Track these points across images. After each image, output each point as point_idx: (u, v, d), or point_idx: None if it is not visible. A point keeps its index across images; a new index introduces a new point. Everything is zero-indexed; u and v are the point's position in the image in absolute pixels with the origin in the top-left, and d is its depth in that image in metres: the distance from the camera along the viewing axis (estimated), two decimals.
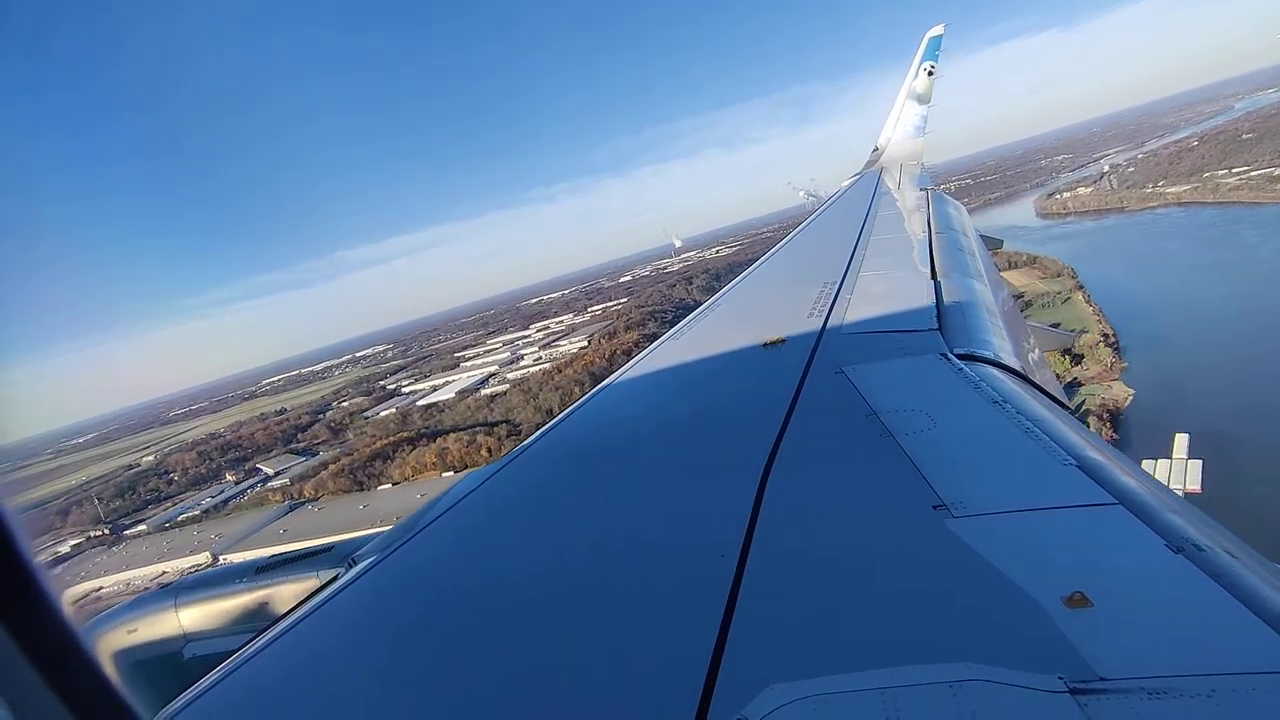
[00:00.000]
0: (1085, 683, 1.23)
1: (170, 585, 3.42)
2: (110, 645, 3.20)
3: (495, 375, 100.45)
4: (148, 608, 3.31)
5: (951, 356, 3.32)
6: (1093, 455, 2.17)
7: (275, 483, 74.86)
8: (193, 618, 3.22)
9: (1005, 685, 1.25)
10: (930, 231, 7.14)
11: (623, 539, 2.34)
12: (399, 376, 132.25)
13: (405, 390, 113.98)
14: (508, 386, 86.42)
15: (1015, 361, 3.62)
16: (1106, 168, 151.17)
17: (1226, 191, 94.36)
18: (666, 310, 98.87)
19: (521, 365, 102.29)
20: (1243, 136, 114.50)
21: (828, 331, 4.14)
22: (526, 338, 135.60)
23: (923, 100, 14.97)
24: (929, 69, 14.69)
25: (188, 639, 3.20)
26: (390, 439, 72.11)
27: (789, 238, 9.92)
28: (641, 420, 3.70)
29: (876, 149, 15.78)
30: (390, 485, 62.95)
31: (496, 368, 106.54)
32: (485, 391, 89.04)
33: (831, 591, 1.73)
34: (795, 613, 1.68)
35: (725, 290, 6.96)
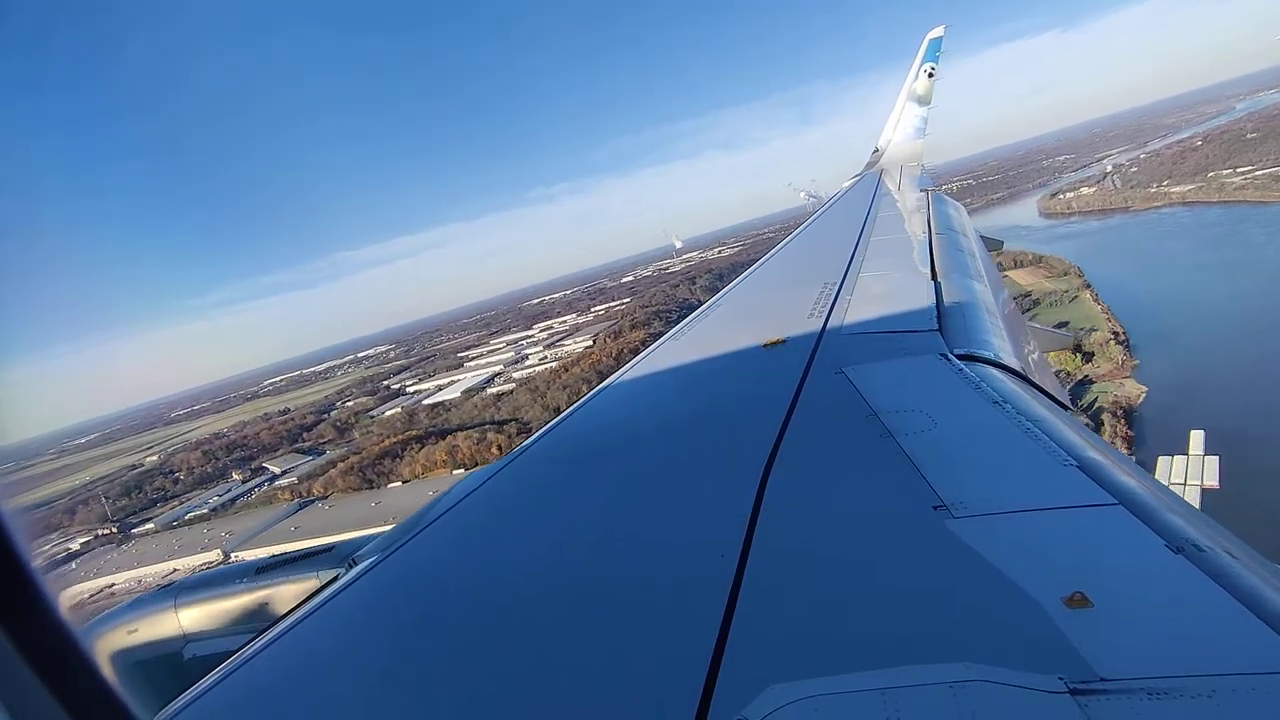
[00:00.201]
0: (1086, 683, 1.23)
1: (170, 585, 3.41)
2: (110, 646, 3.19)
3: (500, 374, 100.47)
4: (147, 608, 3.30)
5: (952, 357, 3.32)
6: (1093, 456, 2.17)
7: (283, 481, 74.94)
8: (193, 618, 3.22)
9: (1005, 686, 1.25)
10: (930, 232, 7.13)
11: (623, 539, 2.34)
12: (402, 376, 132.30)
13: (410, 390, 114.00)
14: (514, 385, 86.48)
15: (1015, 362, 3.61)
16: (1109, 168, 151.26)
17: (1232, 191, 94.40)
18: (671, 309, 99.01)
19: (527, 365, 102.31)
20: (1247, 136, 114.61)
21: (828, 332, 4.14)
22: (530, 337, 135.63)
23: (923, 102, 14.94)
24: (929, 70, 14.67)
25: (187, 639, 3.19)
26: (399, 437, 72.16)
27: (789, 238, 9.91)
28: (642, 420, 3.70)
29: (877, 150, 15.74)
30: (400, 483, 62.96)
31: (501, 367, 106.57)
32: (491, 390, 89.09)
33: (832, 592, 1.73)
34: (795, 613, 1.67)
35: (725, 291, 6.95)
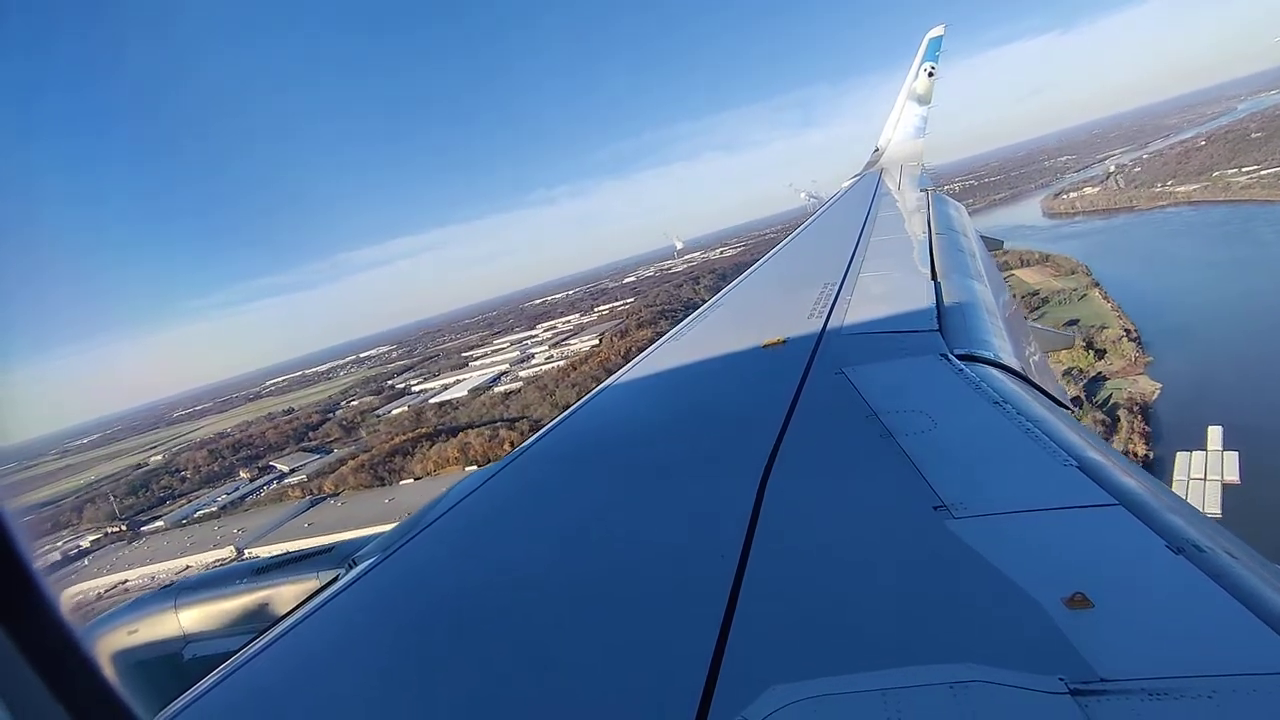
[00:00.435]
0: (1086, 684, 1.23)
1: (170, 586, 3.41)
2: (110, 646, 3.18)
3: (507, 373, 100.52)
4: (147, 608, 3.30)
5: (952, 357, 3.31)
6: (1093, 456, 2.17)
7: (292, 479, 74.99)
8: (193, 619, 3.21)
9: (1006, 686, 1.25)
10: (930, 232, 7.11)
11: (623, 539, 2.34)
12: (407, 376, 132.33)
13: (415, 389, 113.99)
14: (521, 384, 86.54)
15: (1015, 362, 3.60)
16: (1112, 168, 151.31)
17: (1238, 190, 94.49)
18: (676, 309, 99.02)
19: (533, 364, 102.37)
20: (1251, 135, 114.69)
21: (828, 332, 4.13)
22: (534, 337, 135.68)
23: (923, 101, 14.95)
24: (929, 70, 14.66)
25: (188, 640, 3.19)
26: (409, 435, 72.11)
27: (789, 239, 9.90)
28: (642, 421, 3.69)
29: (877, 150, 15.73)
30: (413, 480, 62.89)
31: (507, 366, 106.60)
32: (499, 389, 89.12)
33: (832, 592, 1.73)
34: (796, 613, 1.67)
35: (725, 291, 6.94)
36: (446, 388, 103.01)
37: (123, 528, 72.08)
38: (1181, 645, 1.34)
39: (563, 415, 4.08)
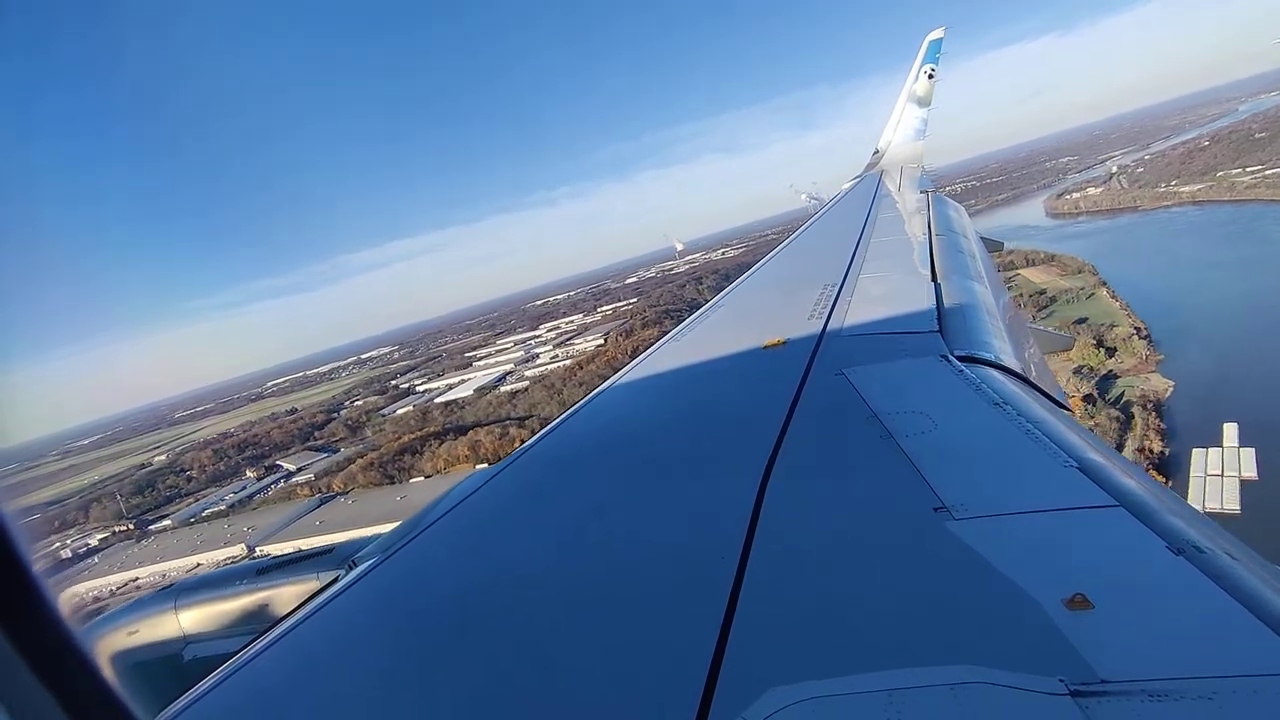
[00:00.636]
0: (1086, 685, 1.23)
1: (170, 587, 3.40)
2: (110, 647, 3.18)
3: (512, 373, 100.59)
4: (148, 609, 3.29)
5: (952, 358, 3.31)
6: (1093, 457, 2.17)
7: (299, 478, 74.99)
8: (193, 619, 3.21)
9: (1006, 688, 1.25)
10: (930, 233, 7.11)
11: (623, 541, 2.34)
12: (410, 376, 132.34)
13: (419, 389, 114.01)
14: (527, 383, 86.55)
15: (1016, 363, 3.60)
16: (1114, 168, 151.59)
17: (1243, 190, 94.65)
18: (680, 308, 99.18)
19: (538, 363, 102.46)
20: (1256, 136, 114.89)
21: (828, 333, 4.13)
22: (538, 337, 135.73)
23: (923, 103, 14.97)
24: (929, 72, 14.68)
25: (187, 641, 3.19)
26: (417, 433, 72.13)
27: (789, 240, 9.89)
28: (642, 422, 3.69)
29: (877, 151, 15.75)
30: (423, 478, 62.88)
31: (512, 366, 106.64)
32: (505, 388, 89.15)
33: (832, 593, 1.73)
34: (796, 615, 1.67)
35: (726, 292, 6.94)
36: (451, 387, 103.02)
37: (130, 526, 72.10)
38: (1182, 646, 1.33)
39: (563, 416, 4.09)
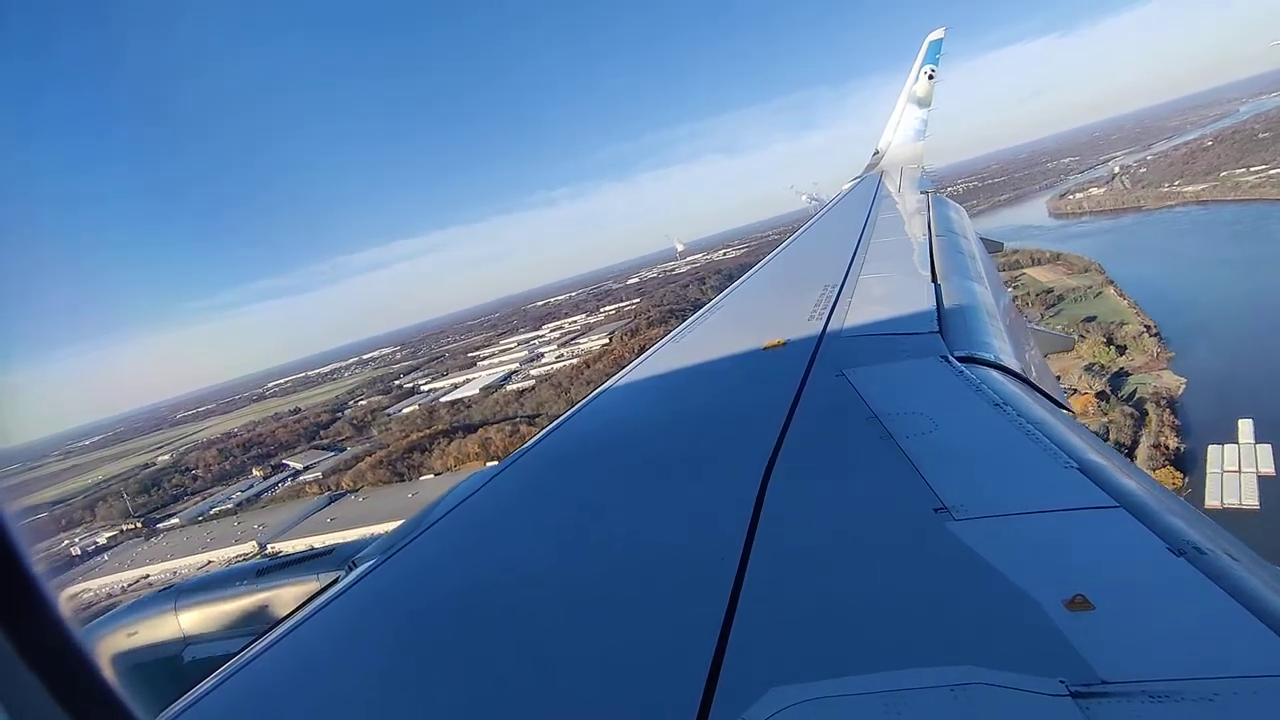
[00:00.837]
0: (1087, 686, 1.23)
1: (170, 588, 3.40)
2: (110, 648, 3.18)
3: (517, 372, 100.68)
4: (148, 610, 3.29)
5: (952, 359, 3.30)
6: (1094, 458, 2.17)
7: (307, 476, 74.93)
8: (193, 620, 3.21)
9: (1007, 689, 1.25)
10: (930, 234, 7.11)
11: (624, 541, 2.34)
12: (414, 376, 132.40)
13: (424, 388, 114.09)
14: (533, 382, 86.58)
15: (1016, 364, 3.60)
16: (1117, 169, 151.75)
17: (1248, 189, 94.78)
18: (685, 308, 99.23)
19: (543, 362, 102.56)
20: (1259, 136, 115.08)
21: (828, 334, 4.12)
22: (541, 337, 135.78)
23: (923, 104, 14.97)
24: (929, 72, 14.67)
25: (188, 642, 3.19)
26: (426, 432, 72.15)
27: (789, 241, 9.89)
28: (643, 423, 3.69)
29: (877, 152, 15.75)
30: (433, 475, 62.94)
31: (517, 365, 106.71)
32: (511, 387, 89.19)
33: (833, 594, 1.73)
34: (797, 615, 1.67)
35: (726, 293, 6.94)
36: (456, 387, 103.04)
37: (138, 525, 72.14)
38: (1182, 647, 1.33)
39: (563, 417, 4.09)
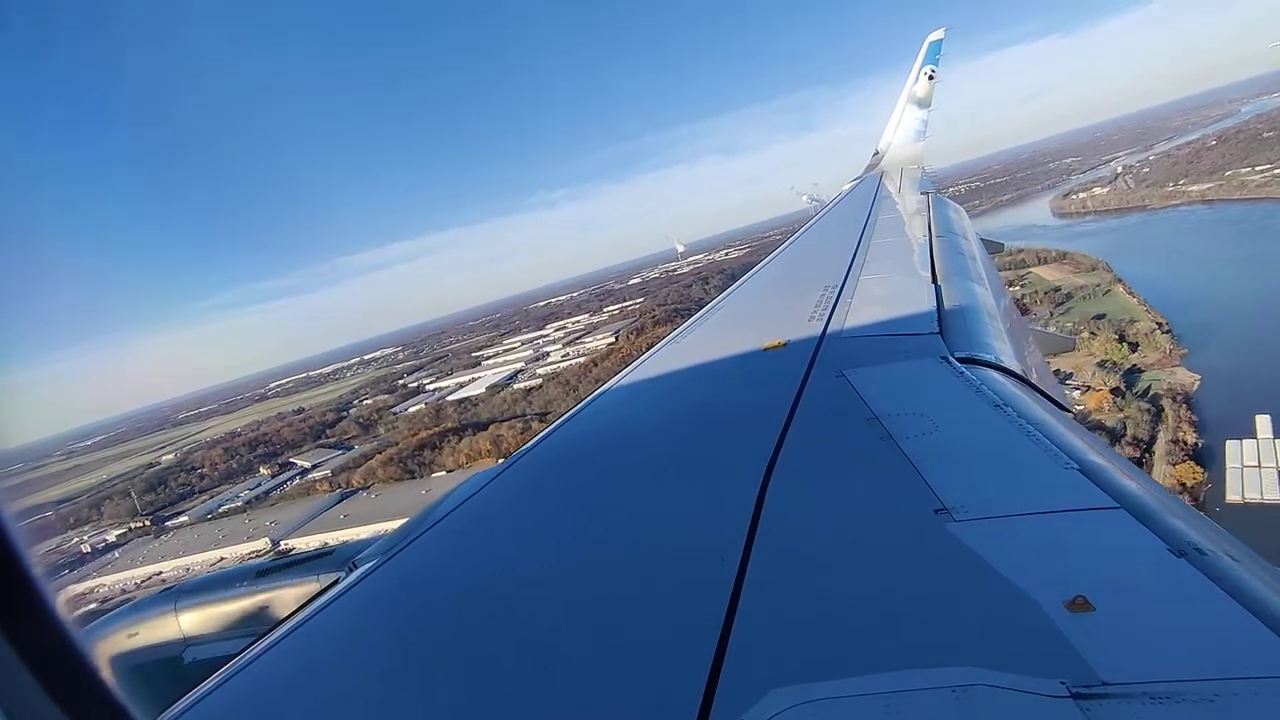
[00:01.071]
0: (1088, 687, 1.23)
1: (170, 589, 3.40)
2: (109, 649, 3.18)
3: (523, 371, 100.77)
4: (147, 611, 3.29)
5: (952, 360, 3.30)
6: (1094, 459, 2.17)
7: (316, 474, 74.91)
8: (193, 621, 3.21)
9: (1007, 690, 1.25)
10: (931, 235, 7.12)
11: (624, 543, 2.34)
12: (418, 375, 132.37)
13: (429, 387, 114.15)
14: (541, 381, 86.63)
15: (1016, 365, 3.60)
16: (1120, 169, 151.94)
17: (1254, 188, 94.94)
18: (690, 307, 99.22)
19: (549, 361, 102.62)
20: (1263, 135, 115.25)
21: (828, 335, 4.12)
22: (545, 337, 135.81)
23: (923, 104, 14.96)
24: (929, 73, 14.67)
25: (188, 643, 3.19)
26: (435, 429, 72.23)
27: (789, 241, 9.91)
28: (643, 423, 3.69)
29: (877, 153, 15.76)
30: (445, 472, 63.01)
31: (523, 364, 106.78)
32: (518, 385, 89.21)
33: (833, 595, 1.73)
34: (797, 617, 1.67)
35: (726, 294, 6.95)
36: (462, 385, 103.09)
37: (146, 523, 72.13)
38: (1183, 648, 1.33)
39: (564, 417, 4.08)
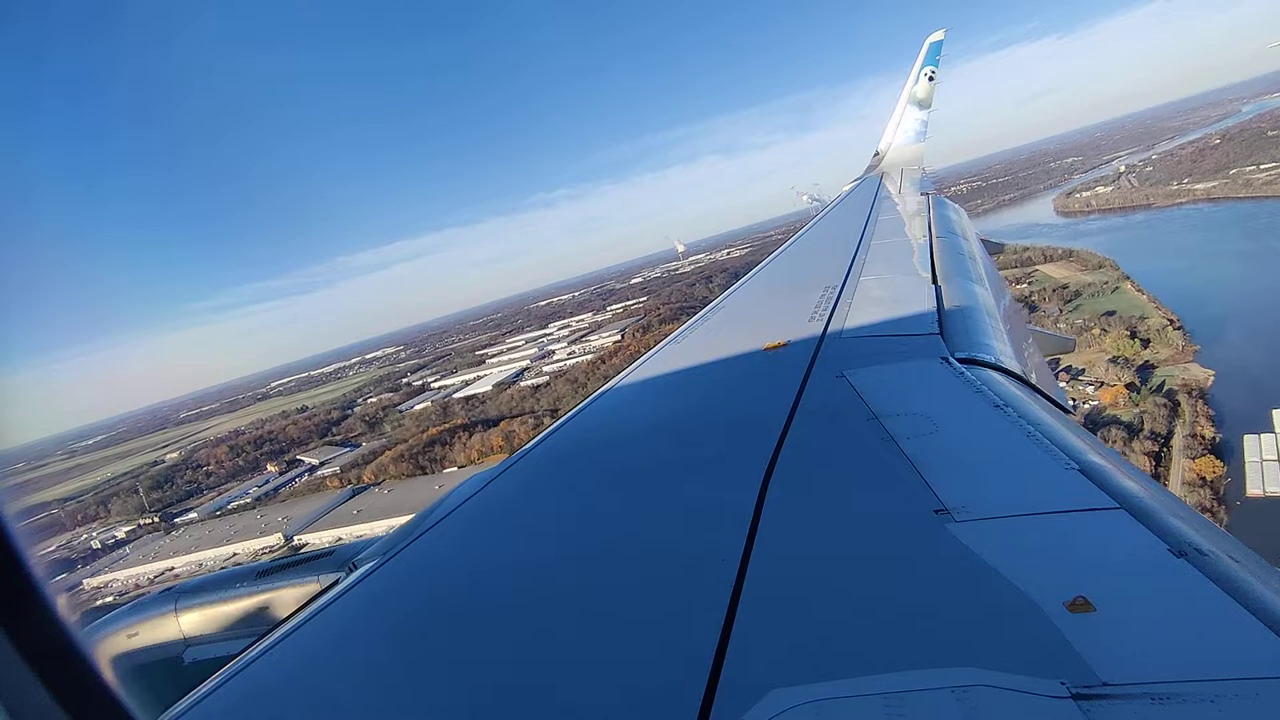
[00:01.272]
0: (1088, 688, 1.23)
1: (170, 589, 3.41)
2: (110, 649, 3.18)
3: (529, 369, 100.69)
4: (148, 612, 3.29)
5: (953, 360, 3.30)
6: (1095, 460, 2.17)
7: (325, 471, 74.86)
8: (193, 622, 3.22)
9: (1008, 690, 1.25)
10: (931, 235, 7.12)
11: (624, 543, 2.34)
12: (422, 374, 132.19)
13: (433, 386, 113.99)
14: (547, 378, 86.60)
15: (1017, 365, 3.61)
16: (1122, 168, 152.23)
17: (1260, 186, 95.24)
18: (695, 305, 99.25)
19: (555, 359, 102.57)
20: (1268, 134, 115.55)
21: (829, 335, 4.12)
22: (550, 335, 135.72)
23: (923, 105, 15.00)
24: (929, 74, 14.68)
25: (188, 643, 3.19)
26: (445, 426, 72.30)
27: (790, 242, 9.92)
28: (643, 424, 3.68)
29: (877, 154, 15.78)
30: (456, 468, 63.04)
31: (528, 362, 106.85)
32: (525, 383, 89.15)
33: (834, 596, 1.73)
34: (797, 617, 1.67)
35: (727, 294, 6.95)
36: (467, 384, 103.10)
37: (155, 519, 71.99)
38: (1184, 649, 1.33)
39: (564, 418, 4.08)
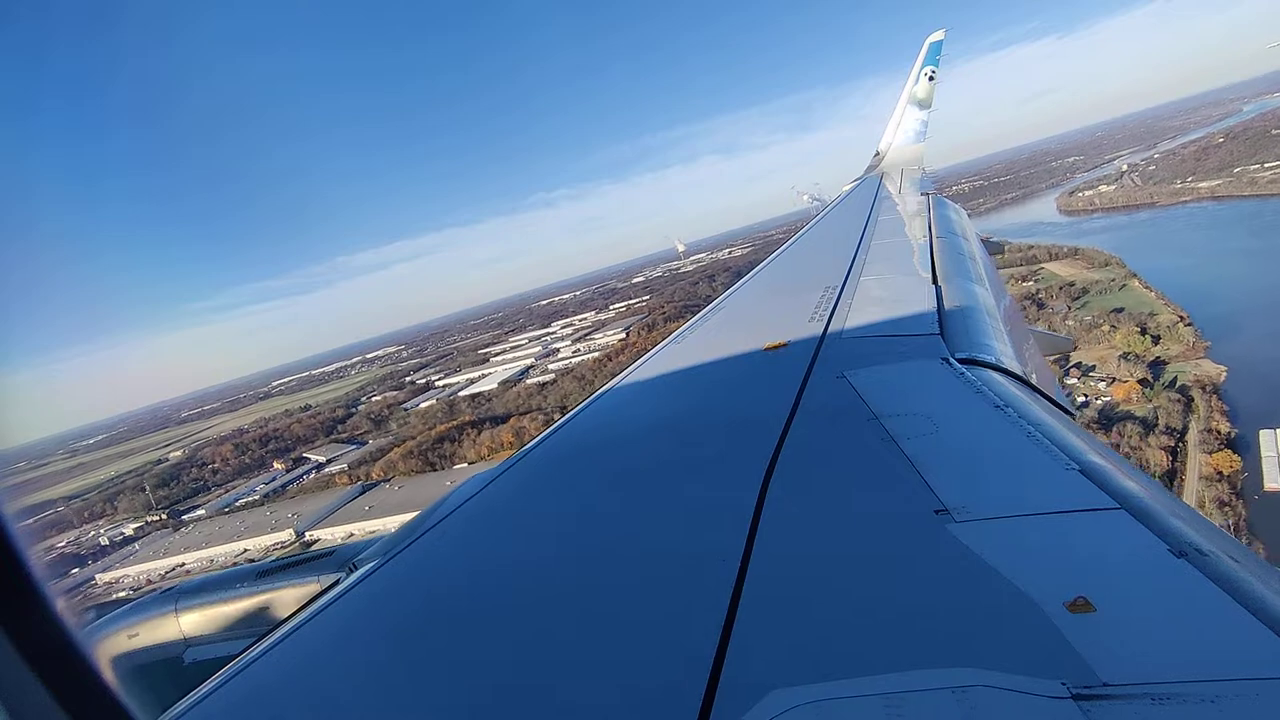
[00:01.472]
0: (1089, 688, 1.23)
1: (170, 589, 3.42)
2: (110, 649, 3.19)
3: (534, 367, 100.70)
4: (148, 612, 3.29)
5: (953, 361, 3.31)
6: (1095, 460, 2.17)
7: (332, 468, 74.84)
8: (193, 622, 3.22)
9: (1008, 690, 1.25)
10: (931, 235, 7.13)
11: (624, 543, 2.34)
12: (425, 372, 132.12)
13: (438, 384, 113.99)
14: (553, 376, 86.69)
15: (1017, 366, 3.61)
16: (1124, 167, 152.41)
17: (1264, 185, 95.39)
18: (698, 303, 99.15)
19: (560, 357, 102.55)
20: (1271, 133, 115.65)
21: (829, 336, 4.13)
22: (554, 334, 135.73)
23: (923, 105, 15.00)
24: (930, 74, 14.69)
25: (188, 643, 3.20)
26: (452, 423, 72.50)
27: (790, 242, 9.93)
28: (643, 424, 3.68)
29: (878, 154, 15.77)
30: (467, 464, 63.05)
31: (533, 360, 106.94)
32: (531, 381, 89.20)
33: (834, 596, 1.73)
34: (797, 617, 1.66)
35: (727, 294, 6.96)
36: (472, 381, 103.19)
37: (163, 516, 71.98)
38: (1184, 650, 1.33)
39: (563, 419, 4.09)
